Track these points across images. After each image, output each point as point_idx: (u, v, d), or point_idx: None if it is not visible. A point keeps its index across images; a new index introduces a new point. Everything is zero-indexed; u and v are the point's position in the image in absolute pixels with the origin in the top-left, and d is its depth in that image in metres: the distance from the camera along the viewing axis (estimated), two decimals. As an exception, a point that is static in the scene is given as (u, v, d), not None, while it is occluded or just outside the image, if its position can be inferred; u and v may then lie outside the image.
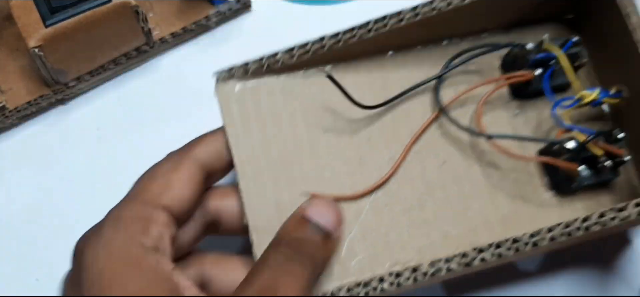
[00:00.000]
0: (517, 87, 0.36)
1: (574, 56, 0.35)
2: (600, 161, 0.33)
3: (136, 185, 0.31)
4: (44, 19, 0.38)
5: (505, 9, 0.37)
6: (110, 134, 0.42)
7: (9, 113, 0.41)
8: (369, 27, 0.34)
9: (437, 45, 0.37)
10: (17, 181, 0.41)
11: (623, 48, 0.34)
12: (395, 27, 0.34)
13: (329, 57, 0.35)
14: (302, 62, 0.35)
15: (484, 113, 0.36)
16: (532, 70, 0.35)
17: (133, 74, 0.44)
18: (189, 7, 0.45)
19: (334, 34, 0.34)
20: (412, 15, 0.34)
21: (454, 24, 0.36)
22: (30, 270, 0.38)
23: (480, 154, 0.35)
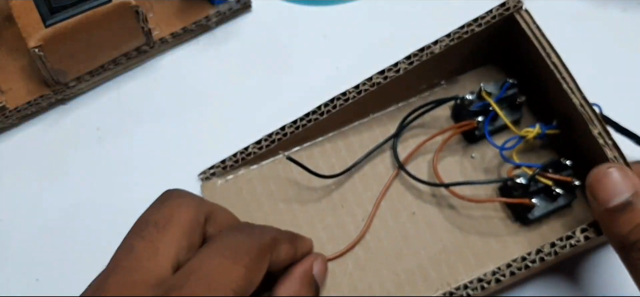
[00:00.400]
0: (467, 132, 0.39)
1: (512, 97, 0.38)
2: (553, 189, 0.35)
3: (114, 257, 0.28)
4: (44, 19, 0.38)
5: (449, 64, 0.40)
6: (110, 134, 0.42)
7: (9, 113, 0.41)
8: (321, 111, 0.38)
9: (393, 107, 0.41)
10: (17, 180, 0.41)
11: (551, 83, 0.36)
12: (344, 106, 0.38)
13: (294, 141, 0.39)
14: (270, 150, 0.39)
15: (442, 160, 0.39)
16: (475, 119, 0.38)
17: (133, 74, 0.44)
18: (189, 7, 0.45)
19: (293, 122, 0.38)
20: (355, 93, 0.38)
21: (404, 87, 0.40)
22: (30, 270, 0.38)
23: (445, 199, 0.38)
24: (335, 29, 0.46)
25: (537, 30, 0.36)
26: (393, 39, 0.45)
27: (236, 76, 0.44)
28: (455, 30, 0.37)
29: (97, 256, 0.38)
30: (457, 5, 0.46)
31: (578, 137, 0.36)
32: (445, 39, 0.37)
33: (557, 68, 0.35)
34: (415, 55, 0.37)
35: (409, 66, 0.37)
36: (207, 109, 0.43)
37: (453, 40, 0.37)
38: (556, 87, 0.35)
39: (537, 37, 0.36)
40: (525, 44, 0.37)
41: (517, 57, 0.39)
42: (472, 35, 0.37)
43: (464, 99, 0.38)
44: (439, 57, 0.37)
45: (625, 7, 0.46)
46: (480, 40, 0.38)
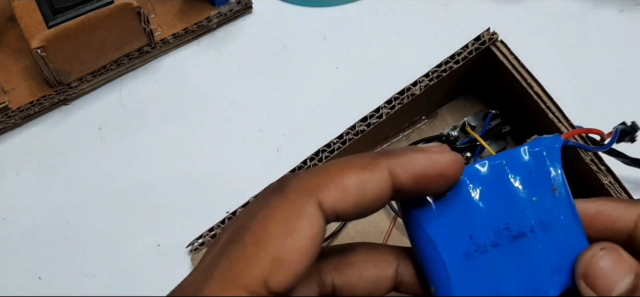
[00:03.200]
0: None
1: (496, 127, 0.39)
2: None
3: (238, 235, 0.21)
4: (47, 20, 0.38)
5: (429, 101, 0.40)
6: (112, 134, 0.42)
7: (11, 113, 0.41)
8: (308, 165, 0.37)
9: (379, 148, 0.41)
10: (19, 180, 0.41)
11: (535, 112, 0.36)
12: (330, 158, 0.37)
13: None
14: None
15: None
16: (463, 154, 0.39)
17: (135, 74, 0.45)
18: (191, 8, 0.45)
19: (303, 163, 0.37)
20: (340, 143, 0.37)
21: (388, 129, 0.40)
22: (32, 268, 0.38)
23: None
24: (335, 30, 0.47)
25: (515, 61, 0.36)
26: (392, 39, 0.46)
27: (237, 76, 0.45)
28: (433, 68, 0.37)
29: (99, 255, 0.39)
30: (455, 4, 0.47)
31: (568, 165, 0.36)
32: (424, 79, 0.37)
33: (541, 98, 0.35)
34: (396, 99, 0.37)
35: (391, 111, 0.37)
36: (208, 109, 0.43)
37: (432, 79, 0.37)
38: (541, 116, 0.35)
39: (516, 68, 0.36)
40: (504, 74, 0.37)
41: (495, 87, 0.39)
42: (450, 72, 0.37)
43: (450, 135, 0.39)
44: (420, 97, 0.37)
45: (621, 8, 0.46)
46: (458, 75, 0.38)
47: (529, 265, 0.22)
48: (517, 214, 0.22)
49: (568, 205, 0.22)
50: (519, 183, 0.22)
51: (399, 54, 0.41)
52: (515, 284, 0.22)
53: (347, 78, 0.44)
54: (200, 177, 0.41)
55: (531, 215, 0.22)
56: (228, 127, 0.43)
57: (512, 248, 0.22)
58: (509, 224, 0.22)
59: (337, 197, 0.20)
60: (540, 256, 0.22)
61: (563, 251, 0.22)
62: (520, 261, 0.22)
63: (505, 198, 0.22)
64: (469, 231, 0.22)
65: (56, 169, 0.41)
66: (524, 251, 0.22)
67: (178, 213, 0.39)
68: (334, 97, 0.42)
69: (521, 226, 0.22)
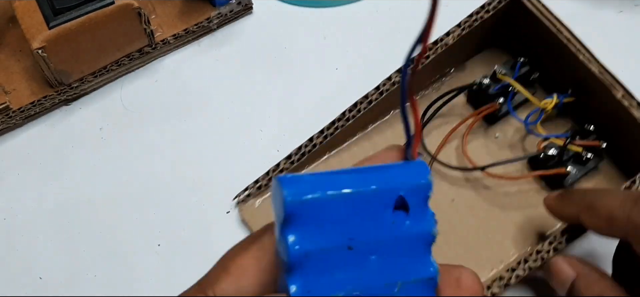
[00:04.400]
0: (489, 115, 0.41)
1: (527, 74, 0.40)
2: (583, 155, 0.37)
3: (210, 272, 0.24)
4: (48, 20, 0.39)
5: (459, 52, 0.41)
6: (113, 134, 0.42)
7: (12, 113, 0.41)
8: (347, 116, 0.39)
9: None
10: (20, 180, 0.41)
11: (565, 57, 0.38)
12: (367, 109, 0.39)
13: (322, 150, 0.40)
14: (302, 163, 0.39)
15: (468, 145, 0.40)
16: (496, 101, 0.40)
17: (135, 74, 0.45)
18: (191, 9, 0.45)
19: (320, 132, 0.39)
20: (377, 94, 0.39)
21: (420, 81, 0.42)
22: (33, 268, 0.38)
23: (480, 182, 0.39)
24: (335, 31, 0.47)
25: (544, 9, 0.38)
26: (392, 40, 0.46)
27: (237, 77, 0.45)
28: (465, 19, 0.39)
29: (100, 255, 0.39)
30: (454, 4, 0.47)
31: (598, 102, 0.38)
32: (457, 28, 0.39)
33: (571, 42, 0.37)
34: (430, 48, 0.39)
35: (425, 61, 0.39)
36: (208, 109, 0.43)
37: (464, 29, 0.38)
38: (571, 60, 0.37)
39: (546, 16, 0.38)
40: (532, 23, 0.38)
41: (522, 37, 0.41)
42: (480, 22, 0.38)
43: (481, 83, 0.40)
44: (452, 48, 0.39)
45: (621, 8, 0.46)
46: (487, 26, 0.39)
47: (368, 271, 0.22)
48: (372, 230, 0.22)
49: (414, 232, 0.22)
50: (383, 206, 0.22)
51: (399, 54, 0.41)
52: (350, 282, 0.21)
53: (347, 78, 0.44)
54: (200, 177, 0.41)
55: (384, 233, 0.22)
56: (228, 127, 0.43)
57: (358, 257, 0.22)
58: (363, 235, 0.21)
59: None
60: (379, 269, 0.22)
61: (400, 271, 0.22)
62: (362, 267, 0.22)
63: (366, 215, 0.22)
64: (325, 230, 0.21)
65: (56, 169, 0.41)
66: (367, 263, 0.22)
67: (178, 213, 0.39)
68: (333, 97, 0.42)
69: (372, 240, 0.22)
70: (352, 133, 0.40)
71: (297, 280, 0.20)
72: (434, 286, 0.22)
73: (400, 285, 0.22)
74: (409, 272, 0.22)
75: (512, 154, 0.40)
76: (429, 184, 0.22)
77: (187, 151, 0.42)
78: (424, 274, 0.22)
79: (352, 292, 0.21)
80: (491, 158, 0.39)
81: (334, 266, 0.21)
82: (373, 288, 0.21)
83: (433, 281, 0.22)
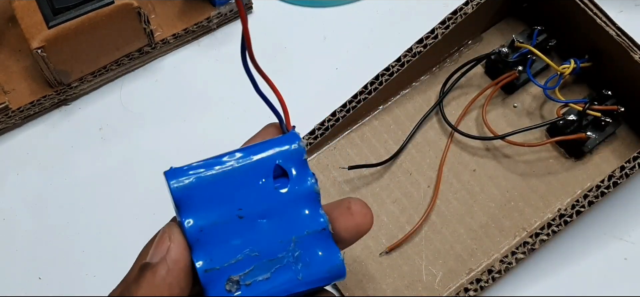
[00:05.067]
0: (507, 85, 0.41)
1: (544, 42, 0.41)
2: (602, 120, 0.38)
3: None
4: (47, 20, 0.39)
5: (477, 23, 0.42)
6: (112, 134, 0.42)
7: (12, 113, 0.41)
8: (368, 89, 0.40)
9: (428, 74, 0.43)
10: (20, 180, 0.41)
11: (582, 22, 0.39)
12: (389, 81, 0.39)
13: (344, 124, 0.40)
14: (325, 137, 0.40)
15: (487, 115, 0.41)
16: (515, 69, 0.40)
17: (135, 74, 0.45)
18: (191, 9, 0.45)
19: (343, 106, 0.39)
20: (398, 66, 0.39)
21: (439, 53, 0.42)
22: (33, 268, 0.38)
23: (499, 150, 0.40)
24: (335, 31, 0.47)
25: None
26: (392, 40, 0.46)
27: (237, 77, 0.45)
28: None
29: (99, 255, 0.39)
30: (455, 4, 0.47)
31: (615, 66, 0.38)
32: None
33: (588, 7, 0.38)
34: (449, 19, 0.39)
35: (445, 31, 0.39)
36: (208, 109, 0.43)
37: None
38: (588, 24, 0.38)
39: None
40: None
41: (538, 4, 0.41)
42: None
43: (501, 52, 0.40)
44: (470, 17, 0.39)
45: (621, 8, 0.46)
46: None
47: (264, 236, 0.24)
48: (257, 199, 0.24)
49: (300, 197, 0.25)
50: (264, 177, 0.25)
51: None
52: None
53: (347, 78, 0.44)
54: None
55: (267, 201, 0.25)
56: (228, 127, 0.43)
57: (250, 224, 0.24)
58: (250, 205, 0.24)
59: None
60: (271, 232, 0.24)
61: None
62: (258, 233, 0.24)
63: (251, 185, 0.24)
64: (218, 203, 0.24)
65: (56, 169, 0.41)
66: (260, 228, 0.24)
67: (178, 213, 0.39)
68: (333, 97, 0.42)
69: (258, 208, 0.24)
70: (373, 107, 0.41)
71: (199, 255, 0.23)
72: (328, 236, 0.25)
73: (295, 239, 0.24)
74: (300, 227, 0.25)
75: (531, 122, 0.40)
76: (302, 149, 0.25)
77: (187, 151, 0.42)
78: (316, 227, 0.25)
79: (251, 253, 0.24)
80: (510, 127, 0.40)
81: (229, 236, 0.24)
82: (270, 247, 0.24)
83: (326, 231, 0.25)
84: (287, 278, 0.24)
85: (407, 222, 0.38)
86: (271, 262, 0.24)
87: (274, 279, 0.24)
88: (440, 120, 0.41)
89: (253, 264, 0.24)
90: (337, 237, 0.25)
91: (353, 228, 0.25)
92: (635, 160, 0.35)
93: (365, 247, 0.37)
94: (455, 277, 0.36)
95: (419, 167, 0.40)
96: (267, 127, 0.27)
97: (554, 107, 0.40)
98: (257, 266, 0.24)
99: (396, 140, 0.40)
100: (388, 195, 0.39)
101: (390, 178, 0.39)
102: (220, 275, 0.23)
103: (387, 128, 0.41)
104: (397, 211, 0.38)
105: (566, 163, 0.39)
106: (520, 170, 0.39)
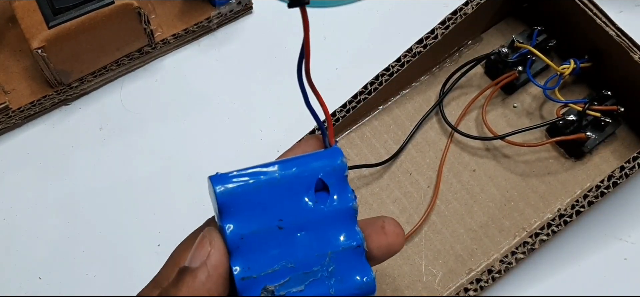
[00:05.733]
0: (507, 85, 0.41)
1: (544, 42, 0.41)
2: (601, 120, 0.38)
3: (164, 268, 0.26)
4: (47, 20, 0.39)
5: (476, 23, 0.42)
6: (112, 134, 0.42)
7: (12, 113, 0.41)
8: (368, 89, 0.39)
9: (428, 74, 0.43)
10: (20, 180, 0.41)
11: (581, 22, 0.39)
12: (389, 81, 0.39)
13: (344, 124, 0.40)
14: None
15: (487, 115, 0.41)
16: (514, 69, 0.40)
17: (135, 74, 0.45)
18: (191, 9, 0.45)
19: (343, 106, 0.39)
20: (398, 66, 0.39)
21: (439, 53, 0.42)
22: (33, 268, 0.38)
23: (499, 151, 0.40)
24: (335, 31, 0.47)
25: None
26: (392, 40, 0.46)
27: (237, 77, 0.45)
28: None
29: (99, 255, 0.39)
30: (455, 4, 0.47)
31: (615, 67, 0.38)
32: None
33: (588, 7, 0.38)
34: (449, 19, 0.39)
35: (445, 31, 0.39)
36: (208, 109, 0.43)
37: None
38: (588, 25, 0.38)
39: None
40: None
41: (538, 5, 0.41)
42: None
43: (501, 52, 0.40)
44: (470, 17, 0.39)
45: (621, 8, 0.46)
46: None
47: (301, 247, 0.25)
48: (299, 211, 0.25)
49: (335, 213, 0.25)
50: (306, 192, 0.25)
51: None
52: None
53: (347, 78, 0.44)
54: (200, 177, 0.41)
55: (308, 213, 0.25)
56: (228, 127, 0.43)
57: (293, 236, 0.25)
58: (291, 217, 0.25)
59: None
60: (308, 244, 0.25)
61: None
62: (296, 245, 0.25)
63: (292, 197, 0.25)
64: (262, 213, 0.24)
65: (56, 169, 0.41)
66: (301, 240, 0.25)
67: (178, 213, 0.39)
68: (334, 97, 0.42)
69: (299, 220, 0.25)
70: (373, 107, 0.41)
71: (237, 261, 0.23)
72: (362, 253, 0.25)
73: (330, 254, 0.25)
74: (336, 243, 0.25)
75: (530, 122, 0.41)
76: (344, 165, 0.25)
77: (187, 151, 0.42)
78: (352, 243, 0.25)
79: (288, 264, 0.24)
80: (510, 127, 0.40)
81: (268, 245, 0.24)
82: (306, 260, 0.24)
83: (361, 248, 0.25)
84: (320, 292, 0.24)
85: (407, 222, 0.38)
86: (306, 274, 0.24)
87: (307, 291, 0.24)
88: (440, 120, 0.41)
89: (289, 276, 0.24)
90: (369, 254, 0.25)
91: (385, 247, 0.25)
92: (634, 160, 0.36)
93: None
94: (455, 277, 0.36)
95: (419, 167, 0.40)
96: (308, 139, 0.27)
97: (553, 107, 0.40)
98: (293, 278, 0.24)
99: (396, 141, 0.40)
100: (388, 195, 0.39)
101: (390, 178, 0.39)
102: (256, 283, 0.23)
103: (387, 128, 0.41)
104: (397, 211, 0.38)
105: (566, 163, 0.39)
106: (520, 170, 0.39)
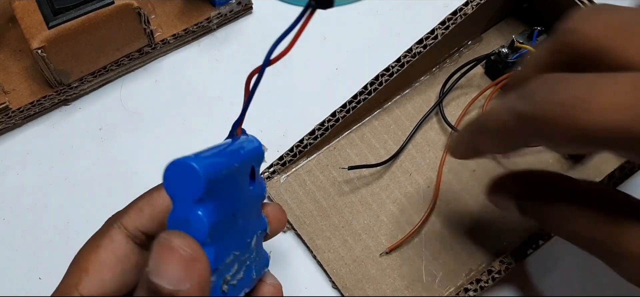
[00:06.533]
0: (506, 85, 0.41)
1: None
2: None
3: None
4: (47, 20, 0.39)
5: (477, 23, 0.42)
6: (112, 135, 0.42)
7: (12, 113, 0.41)
8: (368, 90, 0.40)
9: (428, 75, 0.43)
10: (20, 180, 0.41)
11: None
12: (389, 81, 0.40)
13: (344, 125, 0.40)
14: (325, 138, 0.40)
15: None
16: (515, 69, 0.40)
17: (135, 75, 0.45)
18: (191, 9, 0.45)
19: (343, 106, 0.40)
20: (398, 66, 0.40)
21: (439, 53, 0.42)
22: (33, 269, 0.38)
23: None
24: (335, 31, 0.47)
25: None
26: (392, 40, 0.46)
27: (237, 77, 0.45)
28: None
29: (100, 254, 0.39)
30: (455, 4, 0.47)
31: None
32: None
33: (588, 6, 0.37)
34: (449, 19, 0.39)
35: (445, 31, 0.39)
36: (208, 109, 0.43)
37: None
38: None
39: None
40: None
41: (538, 5, 0.42)
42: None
43: (501, 52, 0.41)
44: (470, 18, 0.40)
45: (621, 9, 0.46)
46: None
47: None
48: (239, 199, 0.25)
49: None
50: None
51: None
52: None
53: (347, 79, 0.44)
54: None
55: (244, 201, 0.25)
56: (228, 127, 0.43)
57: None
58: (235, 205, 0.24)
59: (134, 217, 0.27)
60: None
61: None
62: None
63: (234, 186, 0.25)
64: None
65: (56, 169, 0.41)
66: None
67: (178, 213, 0.39)
68: (333, 97, 0.42)
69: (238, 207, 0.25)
70: (373, 107, 0.41)
71: (211, 252, 0.22)
72: (264, 235, 0.28)
73: (255, 239, 0.26)
74: (256, 227, 0.27)
75: None
76: (263, 152, 0.28)
77: (187, 151, 0.42)
78: (264, 227, 0.28)
79: (236, 252, 0.24)
80: None
81: (225, 234, 0.23)
82: (243, 245, 0.25)
83: (265, 232, 0.28)
84: (250, 277, 0.26)
85: (407, 223, 0.38)
86: (243, 261, 0.25)
87: (245, 278, 0.25)
88: (440, 120, 0.41)
89: (236, 264, 0.24)
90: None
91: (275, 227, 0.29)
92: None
93: (365, 247, 0.37)
94: (455, 277, 0.36)
95: (418, 168, 0.40)
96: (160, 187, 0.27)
97: None
98: (239, 266, 0.24)
99: (396, 141, 0.40)
100: (388, 195, 0.39)
101: (390, 178, 0.39)
102: (219, 276, 0.23)
103: (387, 128, 0.41)
104: (397, 211, 0.38)
105: (566, 164, 0.39)
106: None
